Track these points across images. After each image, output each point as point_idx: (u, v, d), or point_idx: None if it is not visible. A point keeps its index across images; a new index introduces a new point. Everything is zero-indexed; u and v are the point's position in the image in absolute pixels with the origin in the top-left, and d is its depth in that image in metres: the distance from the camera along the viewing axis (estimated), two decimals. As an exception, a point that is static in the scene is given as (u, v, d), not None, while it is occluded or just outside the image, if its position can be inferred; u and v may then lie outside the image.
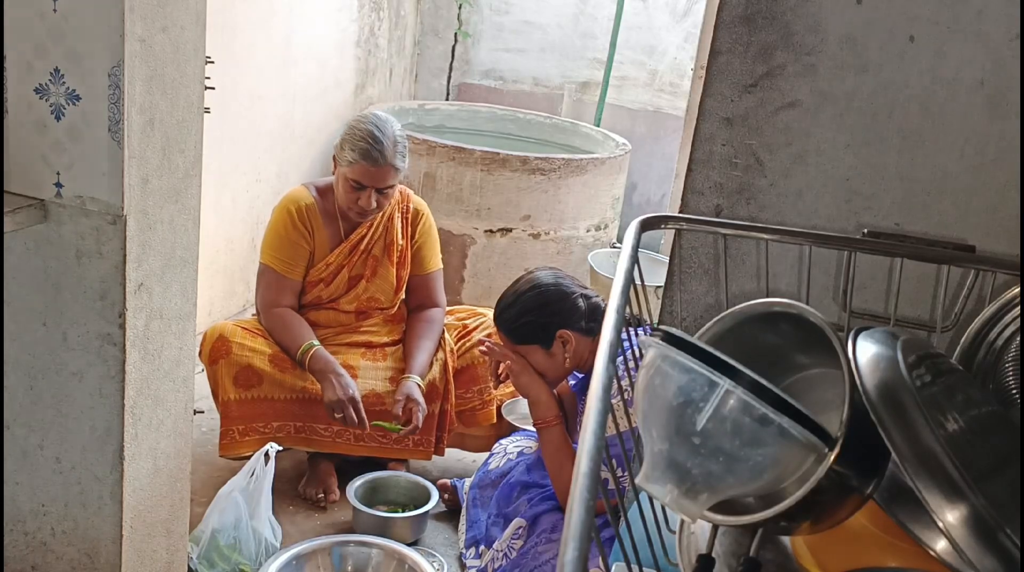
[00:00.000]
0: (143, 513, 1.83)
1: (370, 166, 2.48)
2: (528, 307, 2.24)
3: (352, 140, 2.50)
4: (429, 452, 2.63)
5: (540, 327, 2.22)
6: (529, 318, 2.24)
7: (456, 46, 5.06)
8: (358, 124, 2.54)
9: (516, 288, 2.31)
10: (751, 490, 0.79)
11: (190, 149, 1.73)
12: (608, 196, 3.96)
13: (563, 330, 2.20)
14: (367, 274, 2.65)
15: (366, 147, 2.48)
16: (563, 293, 2.25)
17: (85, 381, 1.69)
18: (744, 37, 1.22)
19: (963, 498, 0.73)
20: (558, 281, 2.28)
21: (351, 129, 2.54)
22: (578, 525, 0.55)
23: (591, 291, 2.32)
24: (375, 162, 2.48)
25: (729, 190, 1.27)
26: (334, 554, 2.19)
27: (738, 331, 0.93)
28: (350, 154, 2.49)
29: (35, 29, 1.53)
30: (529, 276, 2.32)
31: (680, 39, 4.77)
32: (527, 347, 2.25)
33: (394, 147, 2.51)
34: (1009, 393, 1.07)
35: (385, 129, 2.52)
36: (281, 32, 3.59)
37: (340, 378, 2.45)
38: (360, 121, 2.55)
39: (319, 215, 2.60)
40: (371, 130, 2.50)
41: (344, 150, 2.51)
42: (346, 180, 2.51)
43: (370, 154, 2.47)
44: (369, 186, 2.50)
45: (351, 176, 2.50)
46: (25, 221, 1.58)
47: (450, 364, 2.66)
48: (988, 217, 1.19)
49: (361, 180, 2.50)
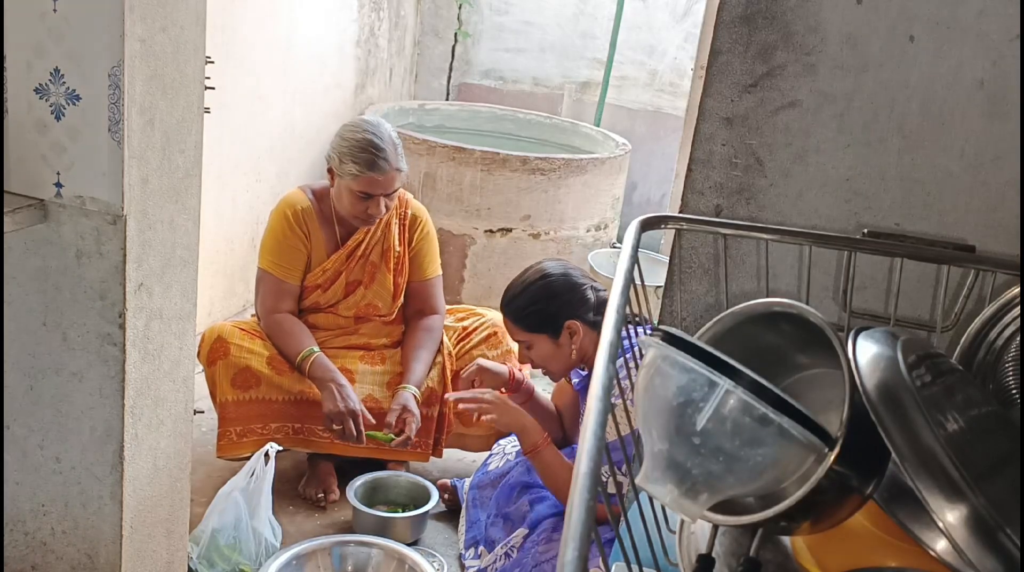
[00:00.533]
0: (143, 513, 1.83)
1: (377, 175, 2.44)
2: (537, 296, 2.25)
3: (352, 152, 2.45)
4: (427, 454, 2.63)
5: (549, 316, 2.23)
6: (538, 306, 2.24)
7: (456, 46, 5.06)
8: (353, 135, 2.47)
9: (525, 277, 2.31)
10: (751, 490, 0.79)
11: (190, 149, 1.73)
12: (608, 196, 3.96)
13: (572, 321, 2.21)
14: (365, 280, 2.64)
15: (370, 158, 2.43)
16: (572, 283, 2.26)
17: (85, 381, 1.69)
18: (744, 37, 1.22)
19: (963, 498, 0.73)
20: (567, 272, 2.29)
21: (346, 141, 2.47)
22: (578, 525, 0.55)
23: (599, 284, 2.33)
24: (381, 170, 2.44)
25: (729, 190, 1.27)
26: (334, 554, 2.19)
27: (738, 331, 0.93)
28: (353, 167, 2.44)
29: (35, 29, 1.53)
30: (538, 266, 2.33)
31: (680, 39, 4.77)
32: (535, 336, 2.26)
33: (395, 150, 2.48)
34: (1009, 393, 1.07)
35: (382, 134, 2.48)
36: (281, 32, 3.59)
37: (342, 389, 2.44)
38: (354, 131, 2.49)
39: (316, 219, 2.57)
40: (370, 139, 2.45)
41: (345, 163, 2.45)
42: (352, 193, 2.47)
43: (375, 163, 2.43)
44: (378, 194, 2.47)
45: (358, 188, 2.45)
46: (25, 221, 1.58)
47: (448, 368, 2.65)
48: (988, 217, 1.19)
49: (370, 190, 2.45)
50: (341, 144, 2.48)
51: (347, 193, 2.48)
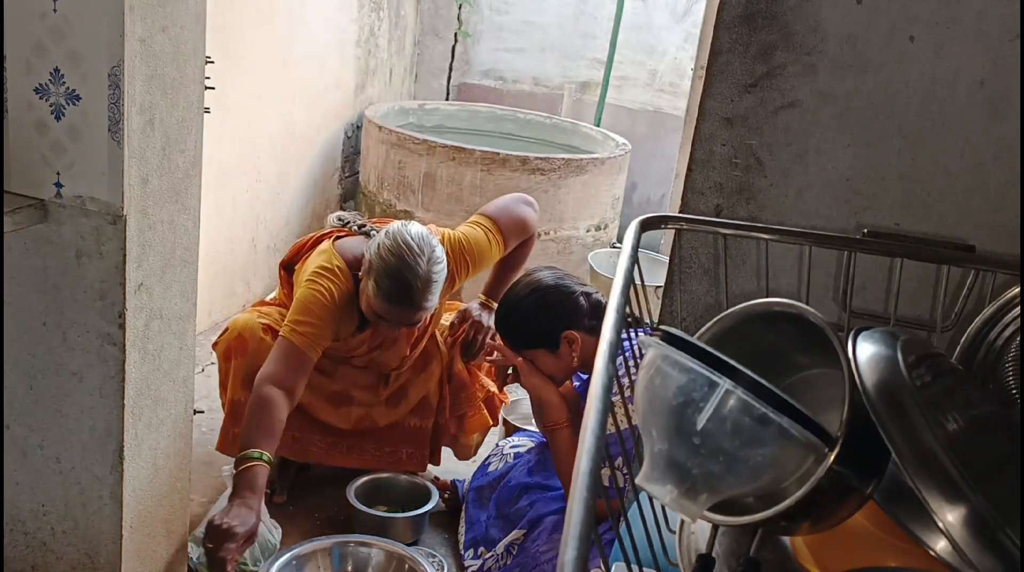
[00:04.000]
0: (143, 513, 1.83)
1: (394, 308, 2.23)
2: (530, 312, 2.21)
3: (379, 274, 2.20)
4: (423, 464, 2.61)
5: (545, 331, 2.19)
6: (532, 323, 2.20)
7: (456, 46, 5.06)
8: (390, 255, 2.20)
9: (515, 293, 2.27)
10: (751, 490, 0.79)
11: (190, 149, 1.73)
12: (608, 196, 3.96)
13: (568, 331, 2.17)
14: (385, 344, 2.51)
15: (395, 290, 2.20)
16: (563, 294, 2.21)
17: (85, 381, 1.69)
18: (744, 37, 1.22)
19: (963, 498, 0.73)
20: (557, 282, 2.24)
21: (381, 257, 2.21)
22: (578, 525, 0.55)
23: (591, 288, 2.29)
24: (400, 305, 2.23)
25: (729, 190, 1.27)
26: (334, 554, 2.19)
27: (738, 331, 0.93)
28: (372, 286, 2.22)
29: (35, 29, 1.53)
30: (527, 279, 2.28)
31: (680, 39, 4.77)
32: (534, 352, 2.22)
33: (426, 288, 2.22)
34: (1009, 393, 1.07)
35: (418, 270, 2.19)
36: (281, 32, 3.59)
37: (247, 513, 2.01)
38: (391, 251, 2.20)
39: (352, 298, 2.34)
40: (403, 273, 2.19)
41: (370, 277, 2.23)
42: (369, 305, 2.26)
43: (399, 297, 2.21)
44: (393, 322, 2.29)
45: (375, 309, 2.26)
46: (25, 221, 1.58)
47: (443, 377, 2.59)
48: (988, 217, 1.19)
49: (387, 318, 2.27)
50: (376, 254, 2.23)
51: (366, 299, 2.27)
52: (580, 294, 2.23)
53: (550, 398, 2.18)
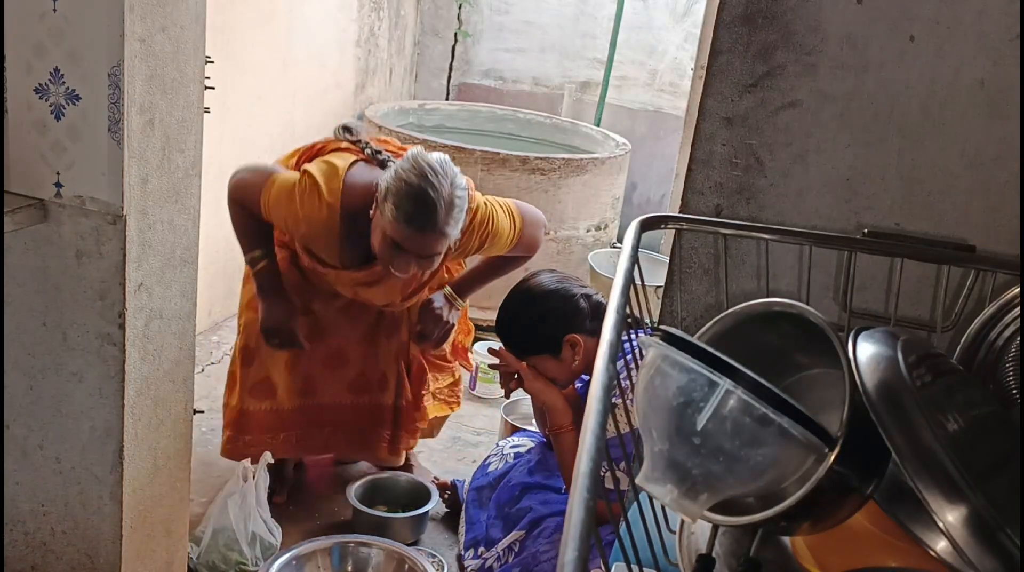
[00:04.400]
0: (143, 513, 1.83)
1: (414, 231, 2.05)
2: (532, 318, 2.19)
3: (398, 195, 2.04)
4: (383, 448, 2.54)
5: (547, 336, 2.17)
6: (534, 330, 2.19)
7: (456, 46, 5.06)
8: (409, 176, 2.04)
9: (516, 298, 2.24)
10: (751, 490, 0.79)
11: (190, 149, 1.73)
12: (608, 196, 3.96)
13: (570, 335, 2.15)
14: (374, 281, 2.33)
15: (412, 210, 2.03)
16: (563, 297, 2.19)
17: (85, 381, 1.69)
18: (744, 37, 1.22)
19: (963, 498, 0.73)
20: (556, 285, 2.22)
21: (399, 179, 2.05)
22: (578, 525, 0.55)
23: (591, 290, 2.27)
24: (420, 228, 2.05)
25: (729, 190, 1.27)
26: (334, 554, 2.19)
27: (738, 331, 0.93)
28: (391, 210, 2.04)
29: (35, 29, 1.53)
30: (528, 284, 2.25)
31: (680, 39, 4.77)
32: (536, 357, 2.20)
33: (448, 211, 2.05)
34: (1009, 393, 1.07)
35: (441, 189, 2.04)
36: (281, 32, 3.59)
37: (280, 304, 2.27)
38: (412, 171, 2.05)
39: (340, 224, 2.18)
40: (424, 190, 2.02)
41: (387, 201, 2.05)
42: (384, 236, 2.08)
43: (417, 218, 2.03)
44: (411, 252, 2.10)
45: (390, 234, 2.07)
46: (25, 221, 1.58)
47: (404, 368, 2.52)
48: (988, 217, 1.19)
49: (403, 243, 2.07)
50: (394, 177, 2.07)
51: (380, 232, 2.10)
52: (580, 296, 2.21)
53: (554, 402, 2.17)
